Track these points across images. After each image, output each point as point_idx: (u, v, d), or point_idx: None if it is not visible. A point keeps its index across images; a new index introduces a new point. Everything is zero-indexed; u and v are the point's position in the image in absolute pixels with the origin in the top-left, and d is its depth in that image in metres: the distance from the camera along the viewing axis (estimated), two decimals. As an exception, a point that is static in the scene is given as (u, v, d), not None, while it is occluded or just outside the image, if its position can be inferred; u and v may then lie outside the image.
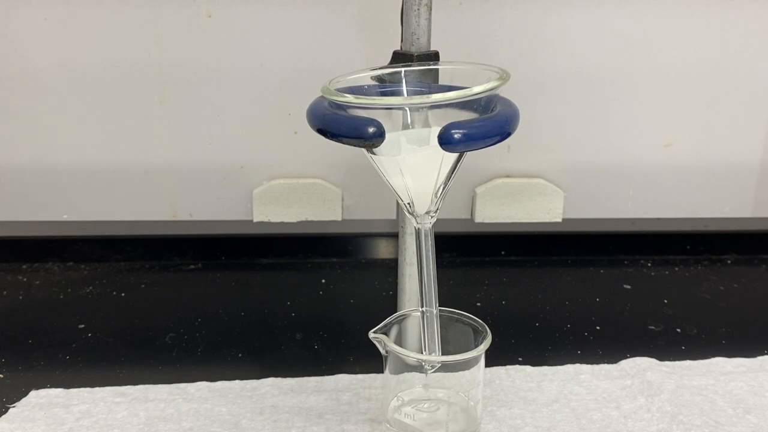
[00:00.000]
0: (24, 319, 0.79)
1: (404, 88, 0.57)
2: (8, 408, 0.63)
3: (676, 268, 0.93)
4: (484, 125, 0.48)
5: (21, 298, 0.84)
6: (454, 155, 0.50)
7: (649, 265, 0.94)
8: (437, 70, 0.58)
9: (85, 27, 0.84)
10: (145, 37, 0.85)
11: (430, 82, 0.58)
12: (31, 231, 0.93)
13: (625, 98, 0.90)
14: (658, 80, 0.90)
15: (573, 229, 0.96)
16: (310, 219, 0.91)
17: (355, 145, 0.48)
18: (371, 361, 0.65)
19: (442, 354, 0.57)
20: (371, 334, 0.55)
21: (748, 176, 0.94)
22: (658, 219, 0.97)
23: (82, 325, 0.77)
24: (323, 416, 0.62)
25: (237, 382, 0.67)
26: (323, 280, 0.89)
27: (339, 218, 0.92)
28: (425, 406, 0.58)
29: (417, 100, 0.51)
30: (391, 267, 0.92)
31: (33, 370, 0.69)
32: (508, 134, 0.49)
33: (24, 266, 0.91)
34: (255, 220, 0.91)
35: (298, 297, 0.84)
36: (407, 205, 0.54)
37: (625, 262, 0.95)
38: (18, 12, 0.83)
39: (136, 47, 0.85)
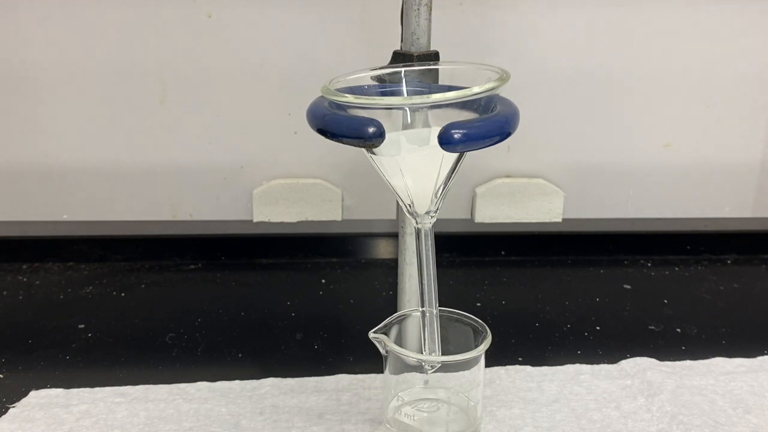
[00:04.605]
0: (24, 319, 0.79)
1: (404, 88, 0.57)
2: (8, 408, 0.63)
3: (676, 268, 0.93)
4: (484, 125, 0.48)
5: (21, 298, 0.84)
6: (454, 155, 0.50)
7: (649, 265, 0.94)
8: (437, 70, 0.58)
9: (85, 26, 0.84)
10: (145, 37, 0.85)
11: (430, 82, 0.58)
12: (31, 231, 0.93)
13: (625, 98, 0.90)
14: (658, 80, 0.90)
15: (573, 229, 0.96)
16: (310, 219, 0.91)
17: (355, 145, 0.48)
18: (371, 361, 0.65)
19: (442, 354, 0.57)
20: (371, 334, 0.55)
21: (748, 176, 0.94)
22: (658, 219, 0.97)
23: (82, 325, 0.77)
24: (323, 416, 0.62)
25: (237, 382, 0.67)
26: (323, 280, 0.89)
27: (339, 218, 0.92)
28: (425, 406, 0.58)
29: (417, 100, 0.51)
30: (391, 267, 0.92)
31: (33, 370, 0.69)
32: (508, 134, 0.49)
33: (24, 266, 0.91)
34: (255, 220, 0.91)
35: (298, 297, 0.84)
36: (407, 205, 0.54)
37: (625, 262, 0.95)
38: (18, 12, 0.83)
39: (136, 47, 0.85)
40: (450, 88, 0.49)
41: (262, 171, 0.90)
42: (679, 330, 0.78)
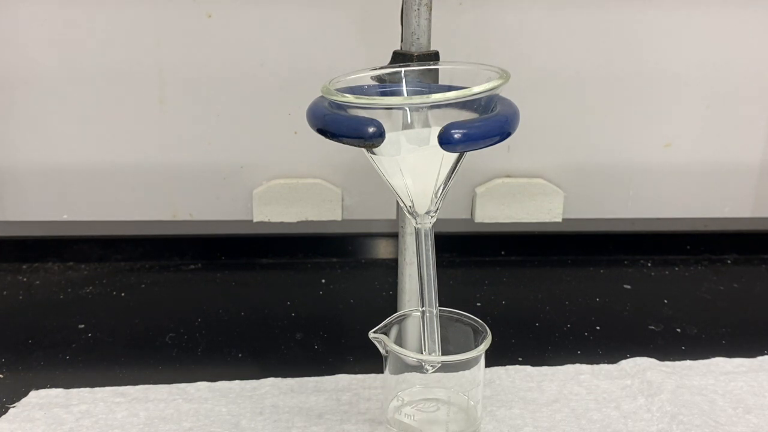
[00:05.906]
0: (24, 319, 0.79)
1: (404, 88, 0.57)
2: (8, 408, 0.63)
3: (676, 268, 0.93)
4: (484, 125, 0.48)
5: (21, 298, 0.84)
6: (454, 155, 0.50)
7: (649, 265, 0.94)
8: (437, 70, 0.58)
9: (85, 27, 0.84)
10: (145, 37, 0.85)
11: (430, 82, 0.58)
12: (31, 231, 0.93)
13: (625, 98, 0.90)
14: (658, 80, 0.90)
15: (573, 229, 0.96)
16: (310, 219, 0.91)
17: (355, 145, 0.48)
18: (371, 361, 0.65)
19: (442, 354, 0.57)
20: (371, 334, 0.55)
21: (748, 176, 0.94)
22: (658, 219, 0.97)
23: (82, 325, 0.77)
24: (323, 416, 0.62)
25: (237, 382, 0.67)
26: (323, 280, 0.89)
27: (339, 218, 0.92)
28: (425, 406, 0.58)
29: (417, 100, 0.51)
30: (391, 267, 0.92)
31: (33, 370, 0.69)
32: (508, 134, 0.49)
33: (24, 266, 0.91)
34: (255, 220, 0.91)
35: (298, 297, 0.84)
36: (407, 206, 0.54)
37: (625, 262, 0.95)
38: (18, 12, 0.83)
39: (136, 47, 0.85)
40: (450, 88, 0.49)
41: (262, 171, 0.90)
42: (679, 330, 0.78)
